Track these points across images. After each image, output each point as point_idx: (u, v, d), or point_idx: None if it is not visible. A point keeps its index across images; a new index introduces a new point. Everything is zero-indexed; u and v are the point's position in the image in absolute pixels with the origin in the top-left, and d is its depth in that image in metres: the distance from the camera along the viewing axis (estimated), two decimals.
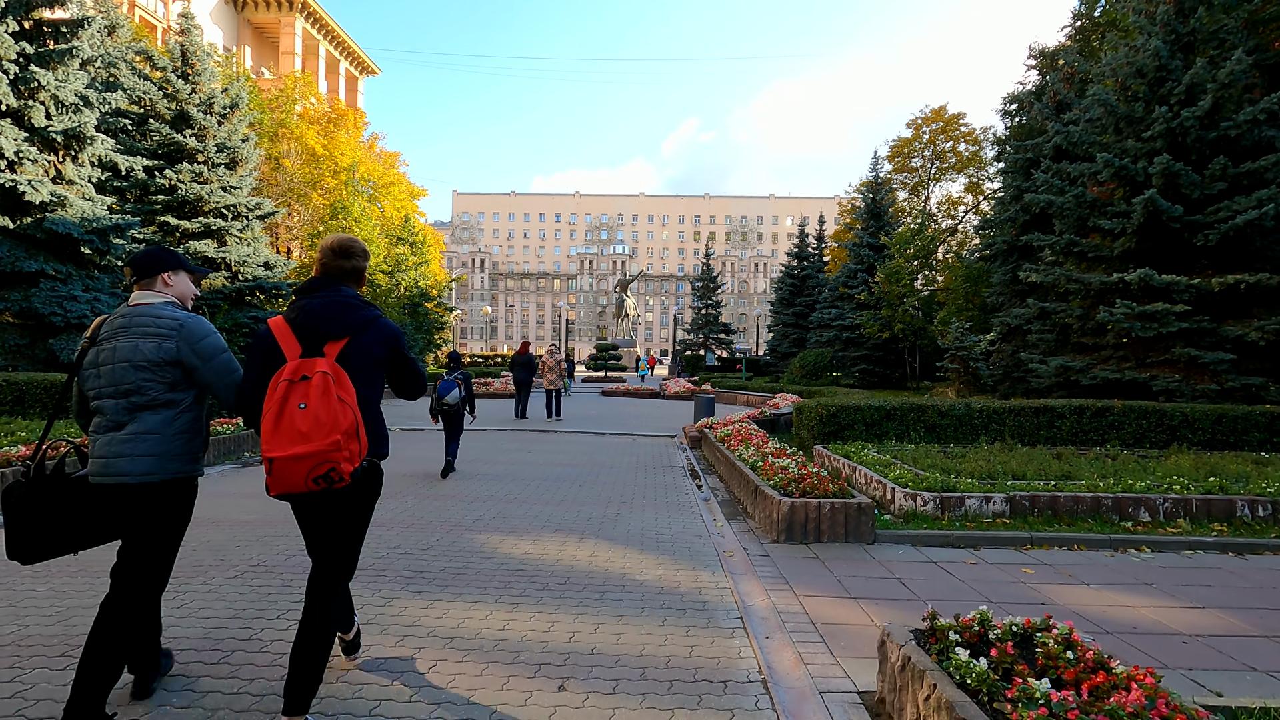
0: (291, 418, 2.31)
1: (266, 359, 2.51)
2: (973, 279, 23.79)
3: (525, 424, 14.46)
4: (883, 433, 9.72)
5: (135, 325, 2.58)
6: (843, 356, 32.27)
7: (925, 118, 41.83)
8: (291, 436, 2.29)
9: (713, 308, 49.41)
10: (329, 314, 2.55)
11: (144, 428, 2.53)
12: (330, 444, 2.29)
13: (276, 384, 2.37)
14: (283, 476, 2.31)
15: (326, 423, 2.31)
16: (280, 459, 2.28)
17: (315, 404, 2.32)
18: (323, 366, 2.40)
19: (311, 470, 2.30)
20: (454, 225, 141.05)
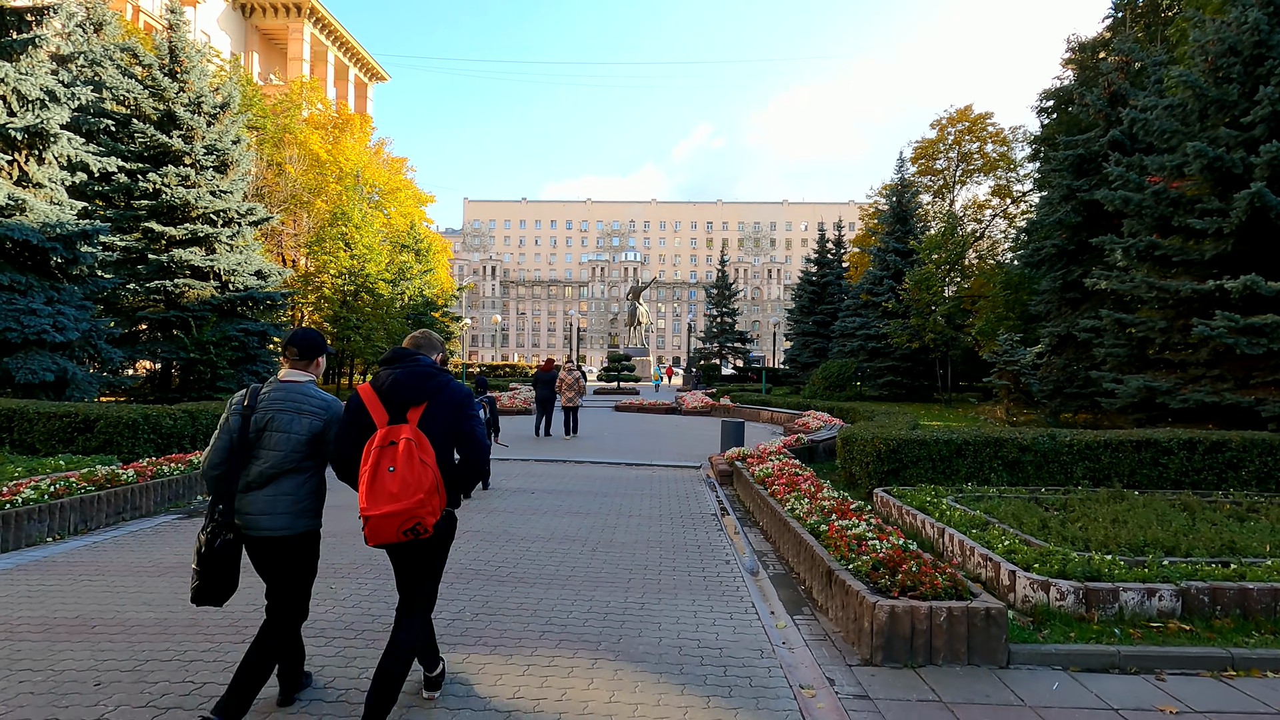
0: (383, 480, 2.71)
1: (358, 421, 2.89)
2: (1013, 285, 22.12)
3: (537, 450, 12.98)
4: (952, 471, 8.15)
5: (291, 400, 3.00)
6: (868, 367, 30.59)
7: (950, 118, 40.17)
8: (384, 497, 2.69)
9: (728, 315, 47.86)
10: (410, 383, 2.92)
11: (283, 490, 2.97)
12: (416, 503, 2.70)
13: (369, 451, 2.76)
14: (377, 530, 2.72)
15: (412, 484, 2.71)
16: (375, 516, 2.69)
17: (402, 468, 2.72)
18: (406, 433, 2.79)
19: (401, 525, 2.72)
20: (465, 233, 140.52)
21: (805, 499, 6.55)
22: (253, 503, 2.95)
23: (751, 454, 9.90)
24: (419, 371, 2.97)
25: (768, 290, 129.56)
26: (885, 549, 4.56)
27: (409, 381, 2.92)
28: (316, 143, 35.81)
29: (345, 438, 2.91)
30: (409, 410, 2.87)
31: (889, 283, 30.62)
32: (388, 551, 3.00)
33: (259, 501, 2.95)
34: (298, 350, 3.13)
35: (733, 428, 11.58)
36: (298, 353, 3.13)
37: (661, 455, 12.56)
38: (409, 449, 2.73)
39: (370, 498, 2.68)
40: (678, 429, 18.02)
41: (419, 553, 2.98)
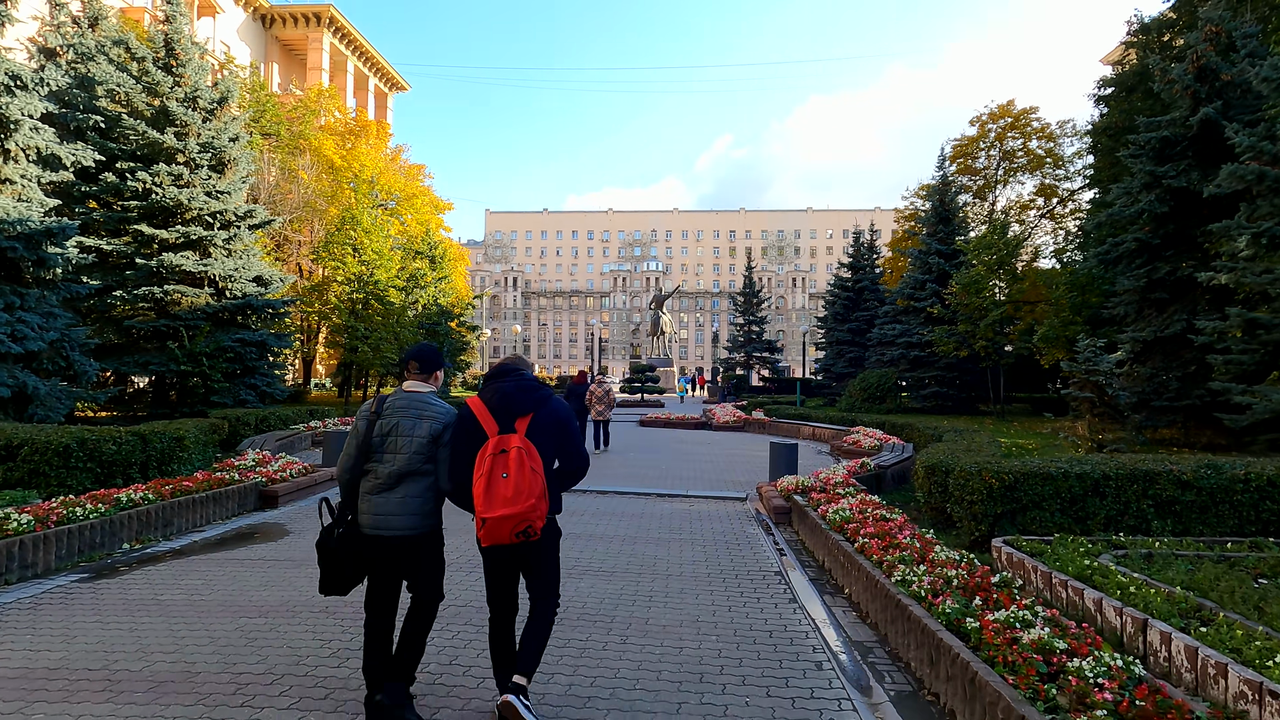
0: (497, 486, 2.90)
1: (469, 435, 3.12)
2: (1079, 287, 19.98)
3: None
4: (1087, 513, 6.24)
5: (414, 407, 3.24)
6: (909, 377, 28.49)
7: (991, 114, 37.93)
8: (498, 501, 2.88)
9: (756, 324, 45.89)
10: (519, 395, 3.15)
11: (410, 492, 3.17)
12: (528, 508, 2.90)
13: (483, 459, 2.97)
14: (494, 532, 2.92)
15: (525, 490, 2.89)
16: (492, 519, 2.89)
17: (514, 474, 2.91)
18: (516, 442, 2.99)
19: (514, 528, 2.91)
20: (487, 244, 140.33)
21: (913, 560, 4.72)
22: (383, 504, 3.13)
23: (813, 485, 8.06)
24: (526, 385, 3.20)
25: (792, 299, 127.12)
26: (1099, 674, 2.75)
27: (517, 394, 3.14)
28: (331, 149, 34.81)
29: (459, 446, 3.12)
30: (517, 420, 3.08)
31: (932, 286, 28.52)
32: (493, 560, 3.18)
33: (389, 503, 3.13)
34: (419, 364, 3.37)
35: (784, 451, 9.73)
36: (419, 366, 3.36)
37: (698, 481, 10.74)
38: (520, 457, 2.95)
39: (486, 502, 2.90)
40: (710, 447, 16.17)
41: (529, 553, 3.16)
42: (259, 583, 5.26)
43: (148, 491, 6.82)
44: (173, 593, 5.00)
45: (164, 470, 8.57)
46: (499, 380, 3.21)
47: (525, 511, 2.87)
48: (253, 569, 5.66)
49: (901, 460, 10.99)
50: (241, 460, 8.95)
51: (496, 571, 3.23)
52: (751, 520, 8.06)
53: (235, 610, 4.65)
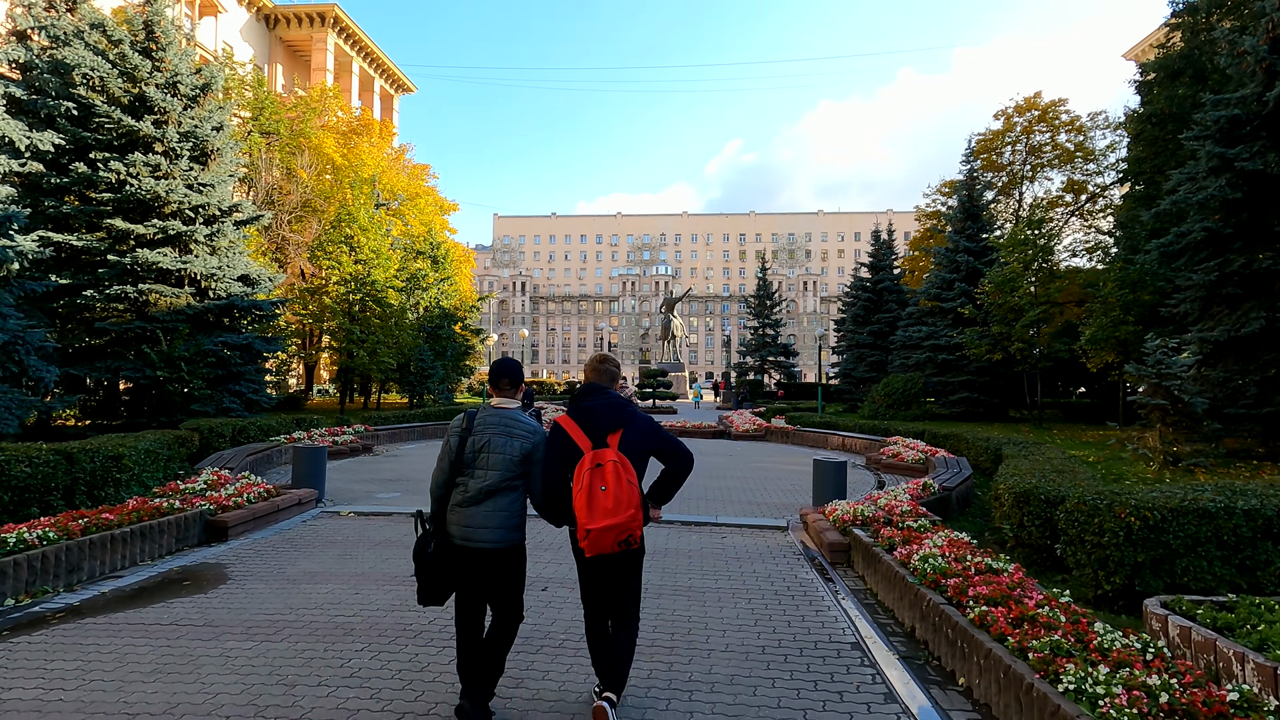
0: (598, 498, 3.06)
1: (564, 448, 3.28)
2: (1130, 283, 18.37)
3: None
4: (1260, 561, 4.75)
5: (505, 424, 3.35)
6: (937, 382, 26.88)
7: (1018, 106, 36.32)
8: (600, 512, 3.04)
9: (770, 327, 44.37)
10: (608, 412, 3.33)
11: (498, 506, 3.28)
12: (628, 517, 3.06)
13: (581, 474, 3.13)
14: (597, 542, 3.05)
15: (624, 500, 3.07)
16: (595, 530, 3.03)
17: (613, 486, 3.07)
18: (612, 456, 3.16)
19: (616, 537, 3.06)
20: (495, 249, 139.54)
21: (1070, 646, 3.25)
22: (472, 517, 3.26)
23: (874, 515, 6.59)
24: (613, 402, 3.40)
25: (803, 303, 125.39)
26: None
27: (606, 411, 3.33)
28: (331, 147, 33.67)
29: (553, 463, 3.29)
30: (608, 436, 3.25)
31: (961, 286, 26.99)
32: (590, 569, 3.34)
33: (478, 516, 3.26)
34: (509, 380, 3.49)
35: (830, 471, 8.24)
36: (509, 382, 3.49)
37: (727, 504, 9.27)
38: (616, 470, 3.12)
39: (589, 514, 3.04)
40: (732, 459, 14.70)
41: (623, 563, 3.32)
42: (151, 668, 3.85)
43: (50, 528, 5.44)
44: (22, 687, 3.60)
45: (95, 496, 7.21)
46: (588, 399, 3.39)
47: (626, 521, 3.05)
48: (155, 641, 4.25)
49: (964, 480, 9.49)
50: (190, 483, 7.57)
51: (596, 581, 3.38)
52: (800, 559, 6.58)
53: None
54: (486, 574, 3.28)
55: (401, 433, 17.87)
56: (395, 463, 13.44)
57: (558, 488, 3.26)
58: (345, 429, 15.42)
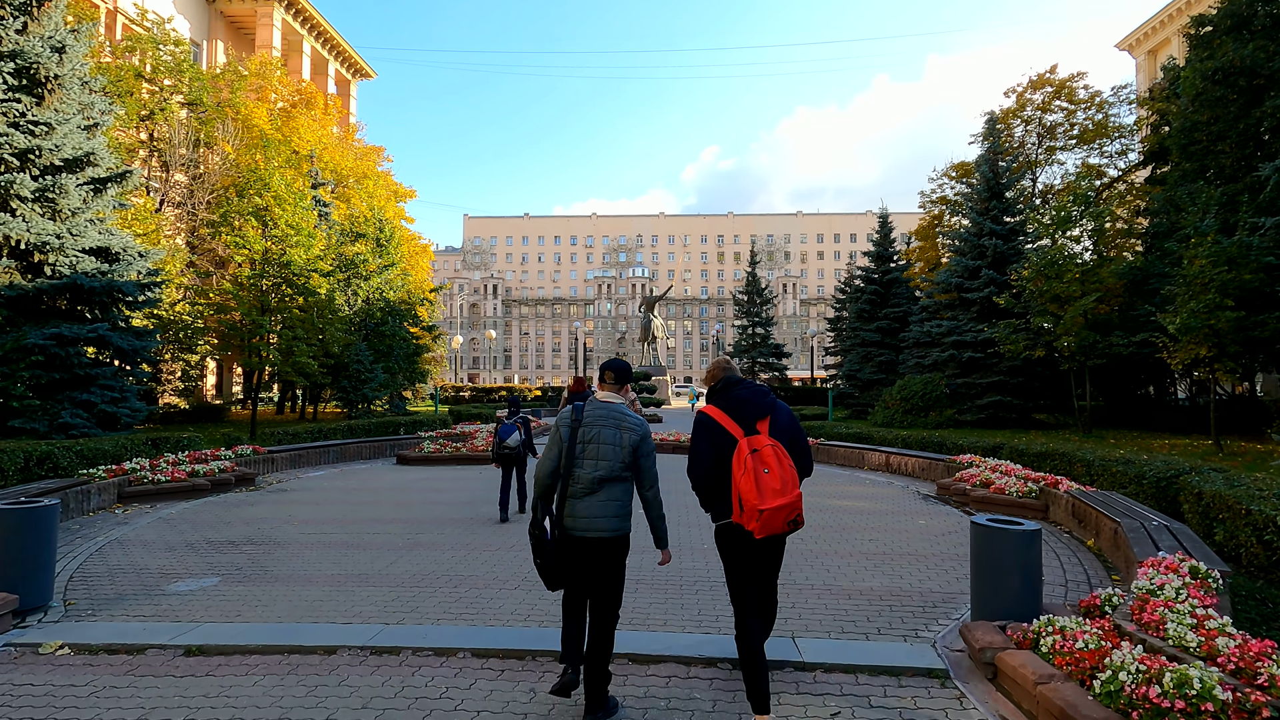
0: (765, 481, 3.16)
1: (717, 436, 3.35)
2: (1227, 260, 14.90)
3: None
4: None
5: (612, 417, 3.48)
6: (962, 384, 23.28)
7: (1032, 82, 33.19)
8: (770, 494, 3.15)
9: (760, 326, 40.65)
10: (757, 400, 3.43)
11: (610, 496, 3.40)
12: (796, 497, 3.23)
13: (741, 460, 3.21)
14: (770, 522, 3.16)
15: (790, 481, 3.22)
16: (769, 510, 3.13)
17: (775, 469, 3.20)
18: (767, 441, 3.26)
19: (787, 516, 3.21)
20: (465, 251, 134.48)
21: None
22: (585, 508, 3.37)
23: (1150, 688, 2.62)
24: (759, 390, 3.51)
25: (784, 306, 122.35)
26: None
27: (756, 399, 3.43)
28: (263, 117, 29.19)
29: (707, 450, 3.36)
30: (757, 423, 3.35)
31: (989, 273, 23.46)
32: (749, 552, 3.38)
33: (591, 506, 3.37)
34: (614, 375, 3.67)
35: (1009, 549, 4.28)
36: (614, 378, 3.66)
37: (790, 591, 5.28)
38: (776, 453, 3.24)
39: (761, 495, 3.15)
40: None
41: (780, 544, 3.53)
42: None
43: None
44: None
45: None
46: (734, 389, 3.48)
47: (795, 501, 3.22)
48: None
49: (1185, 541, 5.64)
50: None
51: (759, 566, 3.46)
52: None
53: None
54: (596, 563, 3.38)
55: (311, 454, 13.63)
56: (270, 505, 9.24)
57: (711, 473, 3.33)
58: (220, 452, 11.19)
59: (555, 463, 3.44)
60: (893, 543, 6.99)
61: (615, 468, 3.37)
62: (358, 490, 10.62)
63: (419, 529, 7.66)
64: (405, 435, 16.49)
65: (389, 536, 7.27)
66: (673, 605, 5.05)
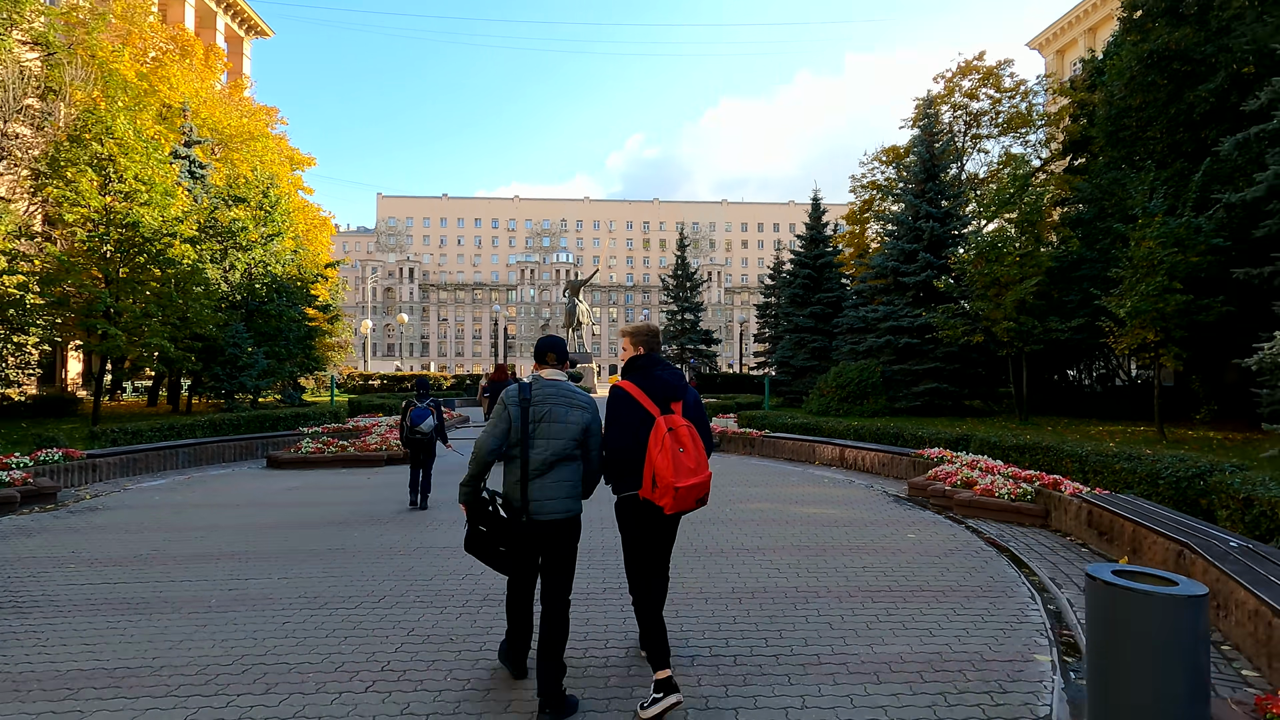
0: (680, 459, 3.21)
1: (633, 413, 3.38)
2: (1174, 243, 14.42)
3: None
4: None
5: (563, 395, 3.38)
6: (899, 371, 22.58)
7: (961, 68, 33.12)
8: (685, 472, 3.21)
9: (690, 312, 39.35)
10: (674, 381, 3.50)
11: (562, 476, 3.31)
12: (708, 476, 3.33)
13: (659, 437, 3.24)
14: (683, 499, 3.22)
15: (703, 461, 3.31)
16: (684, 487, 3.19)
17: (690, 448, 3.27)
18: (682, 421, 3.35)
19: (698, 494, 3.29)
20: (379, 231, 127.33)
21: None
22: (540, 489, 3.26)
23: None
24: (676, 373, 3.58)
25: (709, 294, 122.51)
26: None
27: (673, 380, 3.50)
28: (125, 62, 25.08)
29: (625, 426, 3.37)
30: (672, 403, 3.41)
31: (926, 257, 22.80)
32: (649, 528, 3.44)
33: (546, 488, 3.26)
34: (556, 355, 3.53)
35: (1176, 623, 2.69)
36: (556, 357, 3.52)
37: (795, 672, 3.59)
38: (691, 433, 3.31)
39: (678, 474, 3.17)
40: (724, 505, 9.10)
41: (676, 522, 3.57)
42: None
43: None
44: None
45: None
46: (654, 369, 3.51)
47: (706, 480, 3.31)
48: None
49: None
50: None
51: (660, 540, 3.55)
52: None
53: None
54: (549, 545, 3.30)
55: (151, 458, 10.93)
56: (56, 534, 6.76)
57: (628, 450, 3.33)
58: (13, 459, 8.52)
59: (501, 440, 3.30)
60: (892, 571, 5.43)
61: (568, 447, 3.31)
62: (199, 507, 8.23)
63: (259, 567, 5.53)
64: (285, 431, 13.91)
65: (205, 585, 5.10)
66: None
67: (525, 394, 3.32)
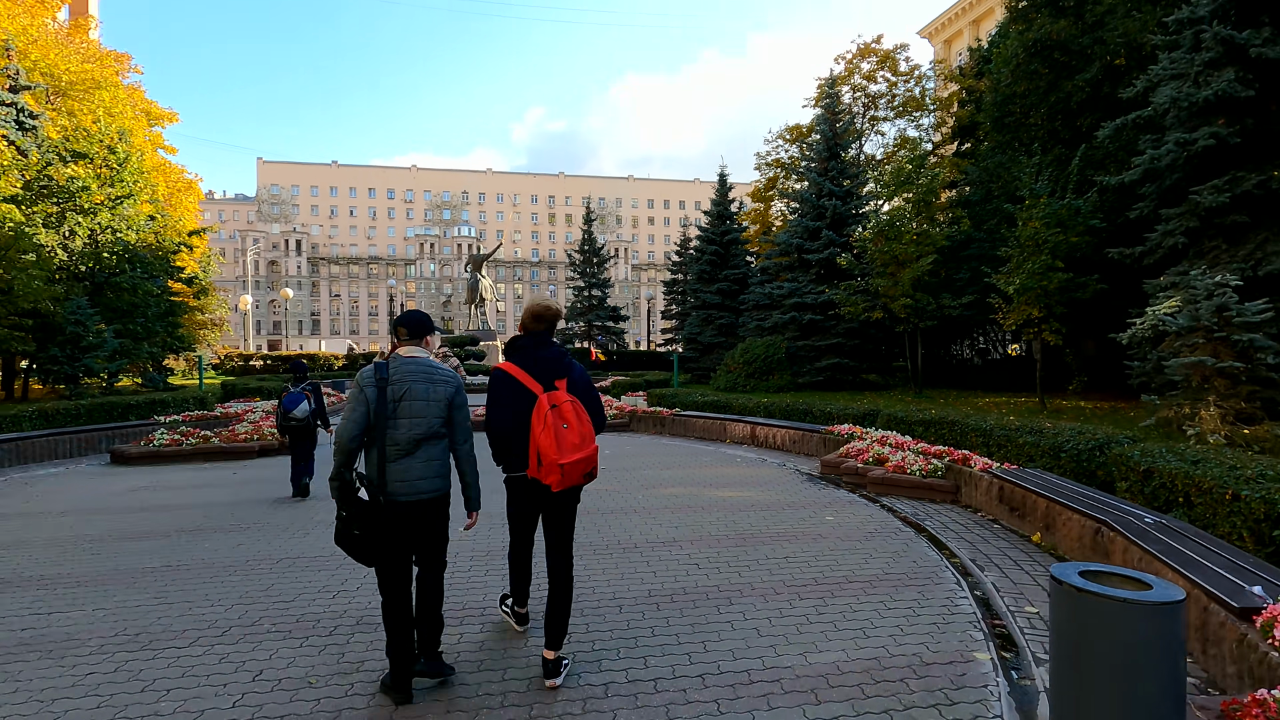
0: (564, 435, 3.16)
1: (515, 393, 3.33)
2: (1060, 221, 15.17)
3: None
4: None
5: (424, 372, 3.24)
6: (803, 347, 22.99)
7: (860, 49, 33.86)
8: (569, 448, 3.17)
9: (597, 288, 38.65)
10: (556, 360, 3.44)
11: (430, 455, 3.21)
12: (593, 451, 3.31)
13: (541, 414, 3.19)
14: (569, 475, 3.17)
15: (588, 436, 3.27)
16: (568, 464, 3.15)
17: (575, 424, 3.23)
18: (566, 398, 3.29)
19: (584, 469, 3.25)
20: (261, 200, 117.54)
21: None
22: (404, 470, 3.13)
23: None
24: (560, 351, 3.52)
25: (616, 271, 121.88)
26: None
27: (556, 358, 3.45)
28: None
29: (506, 406, 3.33)
30: (556, 380, 3.36)
31: (829, 234, 23.21)
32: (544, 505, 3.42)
33: (414, 467, 3.15)
34: (409, 330, 3.35)
35: (1150, 630, 2.37)
36: (409, 332, 3.34)
37: None
38: (575, 409, 3.27)
39: (560, 450, 3.14)
40: (616, 481, 8.53)
41: (574, 498, 3.48)
42: None
43: None
44: None
45: None
46: (536, 348, 3.44)
47: (592, 455, 3.28)
48: None
49: None
50: None
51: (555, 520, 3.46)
52: None
53: None
54: (420, 525, 3.22)
55: None
56: None
57: (511, 432, 3.31)
58: None
59: (361, 425, 3.11)
60: (816, 560, 5.11)
61: (433, 424, 3.21)
62: (6, 517, 6.83)
63: (70, 595, 4.47)
64: (138, 421, 12.17)
65: None
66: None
67: (382, 374, 3.16)
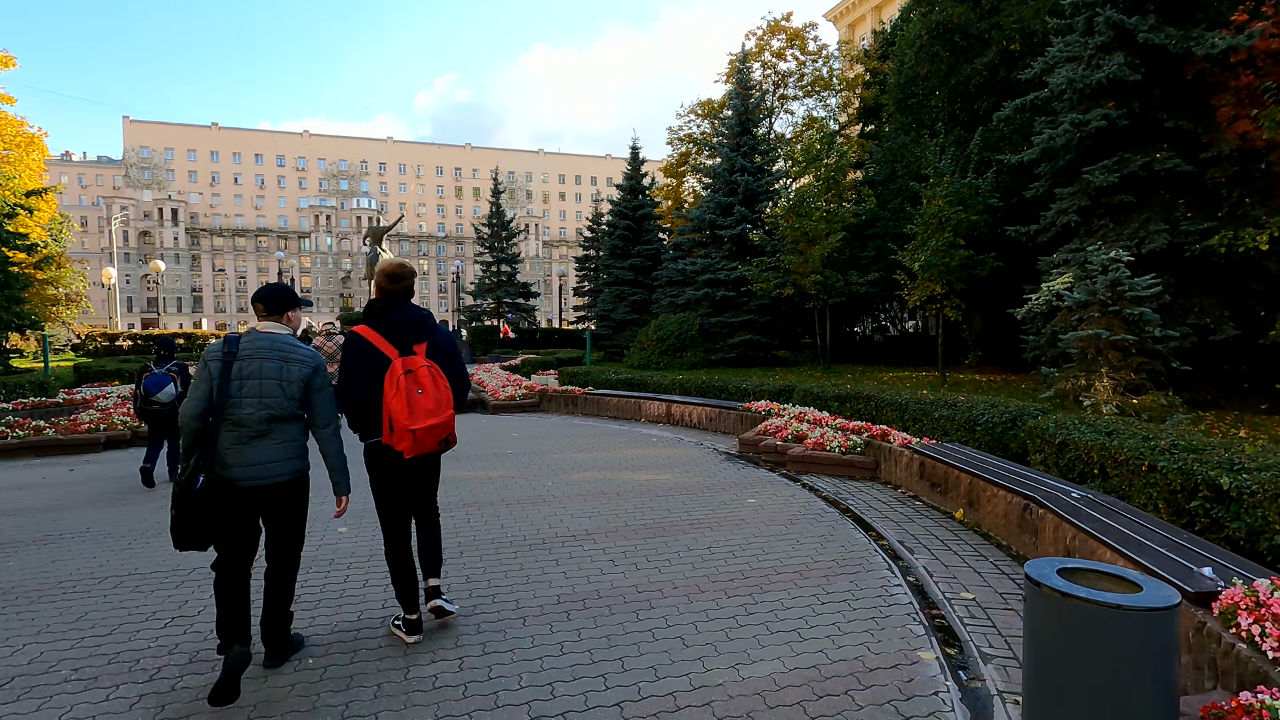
0: (417, 401, 3.09)
1: (368, 359, 3.20)
2: (962, 201, 15.59)
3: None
4: None
5: (278, 349, 3.03)
6: (716, 324, 22.96)
7: (770, 26, 33.91)
8: (422, 414, 3.09)
9: (507, 263, 37.26)
10: (414, 324, 3.32)
11: (284, 436, 3.01)
12: (449, 418, 3.22)
13: (394, 379, 3.10)
14: (422, 442, 3.11)
15: (444, 402, 3.20)
16: (421, 429, 3.08)
17: (430, 389, 3.15)
18: (423, 362, 3.20)
19: (439, 436, 3.19)
20: (128, 163, 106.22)
21: None
22: (256, 453, 2.93)
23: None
24: (419, 314, 3.39)
25: (527, 247, 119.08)
26: None
27: (414, 321, 3.32)
28: None
29: (358, 373, 3.19)
30: (414, 345, 3.26)
31: (741, 210, 23.16)
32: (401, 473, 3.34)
33: (264, 451, 2.95)
34: (265, 306, 3.15)
35: (1143, 642, 2.03)
36: (265, 308, 3.15)
37: None
38: (431, 374, 3.20)
39: (413, 416, 3.06)
40: (525, 464, 7.89)
41: (434, 464, 3.49)
42: None
43: None
44: None
45: None
46: (391, 311, 3.30)
47: (447, 421, 3.20)
48: None
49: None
50: None
51: (414, 485, 3.44)
52: None
53: None
54: (271, 512, 3.05)
55: None
56: None
57: (364, 399, 3.19)
58: None
59: (204, 403, 2.92)
60: (741, 550, 4.72)
61: (287, 405, 2.99)
62: None
63: None
64: None
65: None
66: None
67: (231, 348, 2.98)
